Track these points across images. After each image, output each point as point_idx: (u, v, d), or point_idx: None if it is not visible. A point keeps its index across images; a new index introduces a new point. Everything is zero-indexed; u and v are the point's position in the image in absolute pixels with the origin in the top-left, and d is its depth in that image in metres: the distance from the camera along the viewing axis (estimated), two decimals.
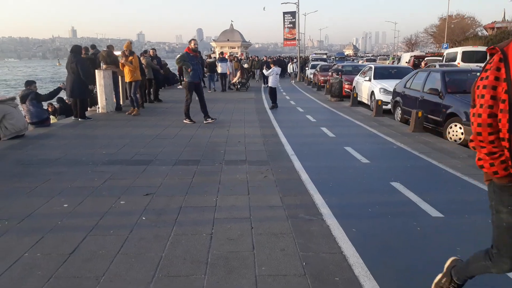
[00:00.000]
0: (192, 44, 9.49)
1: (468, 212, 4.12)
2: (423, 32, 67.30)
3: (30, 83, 9.38)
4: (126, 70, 10.84)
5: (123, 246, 3.32)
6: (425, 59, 29.89)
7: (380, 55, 74.00)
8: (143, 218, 3.91)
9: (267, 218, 3.91)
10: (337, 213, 4.04)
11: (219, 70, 19.59)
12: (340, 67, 19.57)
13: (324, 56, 48.80)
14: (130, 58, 10.79)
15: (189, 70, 9.23)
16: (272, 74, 13.17)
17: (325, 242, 3.41)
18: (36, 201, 4.33)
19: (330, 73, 19.09)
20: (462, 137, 7.67)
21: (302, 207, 4.23)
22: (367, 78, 14.40)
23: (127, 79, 10.97)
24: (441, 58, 27.20)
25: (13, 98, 8.22)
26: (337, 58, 55.68)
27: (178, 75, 22.65)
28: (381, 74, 14.13)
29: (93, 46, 12.76)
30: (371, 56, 73.20)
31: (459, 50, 24.60)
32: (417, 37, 72.89)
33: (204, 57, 22.12)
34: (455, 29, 53.30)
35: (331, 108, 13.25)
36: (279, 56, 38.87)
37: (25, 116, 8.79)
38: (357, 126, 9.69)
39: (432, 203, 4.34)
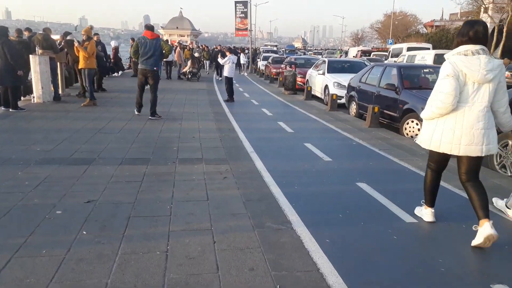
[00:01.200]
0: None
1: (440, 216, 3.93)
2: (369, 28, 69.48)
3: None
4: (80, 56, 10.12)
5: (57, 271, 2.72)
6: (372, 53, 30.92)
7: (328, 49, 75.39)
8: (84, 232, 3.30)
9: (231, 229, 3.45)
10: (306, 220, 3.68)
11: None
12: (293, 60, 19.37)
13: (275, 48, 48.66)
14: (86, 43, 9.98)
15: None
16: (228, 62, 12.37)
17: (298, 257, 3.02)
18: None
19: (283, 66, 18.83)
20: (419, 133, 7.64)
21: (268, 213, 3.82)
22: (320, 72, 14.25)
23: (80, 65, 10.23)
24: (387, 53, 28.20)
25: None
26: (287, 51, 55.83)
27: (113, 63, 21.20)
28: (334, 68, 14.05)
29: (29, 29, 11.65)
30: (319, 49, 74.35)
31: (404, 46, 25.60)
32: (363, 32, 75.21)
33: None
34: (399, 26, 55.48)
35: (286, 102, 12.97)
36: (233, 46, 38.22)
37: None
38: (313, 121, 9.46)
39: (402, 206, 4.13)
